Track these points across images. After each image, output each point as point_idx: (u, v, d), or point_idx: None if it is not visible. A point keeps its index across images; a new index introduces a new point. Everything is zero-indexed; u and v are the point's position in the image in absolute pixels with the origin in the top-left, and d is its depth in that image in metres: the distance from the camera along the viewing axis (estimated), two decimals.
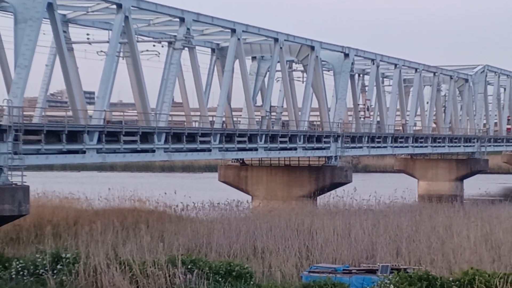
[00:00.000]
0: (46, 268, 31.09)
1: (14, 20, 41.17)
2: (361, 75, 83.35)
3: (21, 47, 40.39)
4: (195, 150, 52.43)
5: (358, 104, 73.79)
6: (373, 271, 33.17)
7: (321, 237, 41.05)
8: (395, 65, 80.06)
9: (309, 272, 33.41)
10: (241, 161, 68.68)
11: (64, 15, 51.25)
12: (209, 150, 53.48)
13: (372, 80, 75.86)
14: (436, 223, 46.26)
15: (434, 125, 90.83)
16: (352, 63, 71.09)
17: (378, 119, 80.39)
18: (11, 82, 41.73)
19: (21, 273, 31.42)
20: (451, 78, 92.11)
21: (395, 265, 33.91)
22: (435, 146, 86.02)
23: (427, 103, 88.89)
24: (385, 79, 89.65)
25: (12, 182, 38.44)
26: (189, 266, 31.23)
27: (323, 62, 69.20)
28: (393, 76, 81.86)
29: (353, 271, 33.49)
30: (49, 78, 52.41)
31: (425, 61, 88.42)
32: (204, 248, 40.01)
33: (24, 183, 38.54)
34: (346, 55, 70.32)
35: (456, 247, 38.20)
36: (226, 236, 41.69)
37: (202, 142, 52.54)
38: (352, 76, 72.14)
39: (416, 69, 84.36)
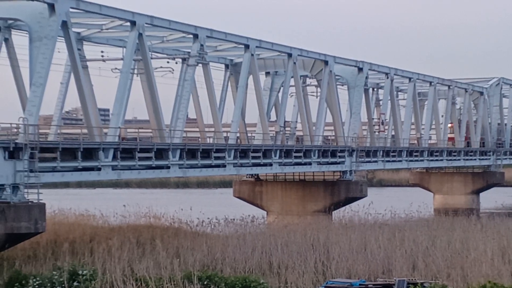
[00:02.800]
0: (63, 285, 31.20)
1: (29, 38, 41.42)
2: (375, 89, 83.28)
3: (36, 65, 40.61)
4: (210, 166, 52.48)
5: (373, 118, 73.72)
6: (389, 286, 33.09)
7: (336, 252, 40.96)
8: (410, 78, 79.98)
9: (325, 287, 33.35)
10: (255, 177, 68.66)
11: (79, 33, 51.52)
12: (224, 166, 53.52)
13: (386, 94, 75.80)
14: (453, 237, 46.09)
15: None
16: (366, 77, 71.07)
17: (393, 133, 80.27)
18: (26, 100, 41.95)
19: None
20: (466, 91, 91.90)
21: (412, 279, 33.83)
22: (451, 160, 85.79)
23: (442, 116, 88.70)
24: (399, 93, 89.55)
25: (28, 199, 38.58)
26: (205, 282, 31.30)
27: (337, 77, 69.22)
28: (407, 89, 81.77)
29: (369, 286, 33.42)
30: (64, 95, 52.62)
31: (439, 74, 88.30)
32: (220, 264, 40.01)
33: (40, 201, 38.67)
34: (360, 69, 70.33)
35: (473, 261, 38.03)
36: (241, 252, 41.67)
37: (216, 158, 52.59)
38: (366, 90, 72.10)
39: (430, 83, 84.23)
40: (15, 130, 39.52)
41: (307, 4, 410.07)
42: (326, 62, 65.26)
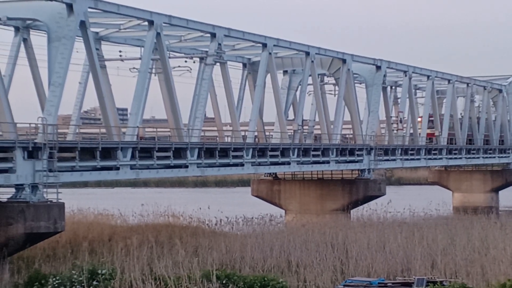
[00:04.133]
0: (82, 284, 31.32)
1: (48, 38, 41.57)
2: (393, 87, 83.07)
3: (54, 65, 40.77)
4: (228, 165, 52.51)
5: (391, 117, 73.54)
6: (408, 284, 33.03)
7: (355, 250, 40.92)
8: (428, 76, 79.71)
9: (344, 286, 33.36)
10: (274, 175, 68.65)
11: (97, 33, 51.67)
12: (242, 164, 53.54)
13: (404, 92, 75.59)
14: (472, 235, 45.95)
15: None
16: (384, 76, 70.91)
17: (411, 131, 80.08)
18: (45, 100, 42.11)
19: None
20: (485, 89, 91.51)
21: (431, 278, 33.75)
22: (470, 158, 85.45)
23: (461, 114, 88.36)
24: (417, 91, 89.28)
25: (47, 199, 38.75)
26: (223, 281, 31.32)
27: (355, 75, 69.10)
28: (426, 87, 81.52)
29: (388, 284, 33.38)
30: (83, 95, 52.79)
31: (458, 72, 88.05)
32: (238, 263, 40.05)
33: (59, 200, 38.83)
34: (378, 68, 70.17)
35: (492, 259, 37.89)
36: (260, 251, 41.69)
37: (234, 157, 52.60)
38: (384, 89, 71.95)
39: (449, 80, 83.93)
40: (34, 130, 39.68)
41: (325, 3, 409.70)
42: (344, 61, 65.16)
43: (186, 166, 48.51)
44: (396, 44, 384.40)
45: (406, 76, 74.99)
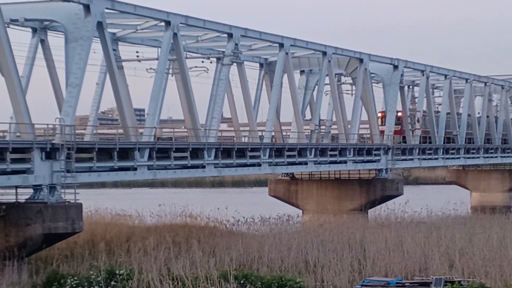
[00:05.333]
0: (100, 285, 31.38)
1: (65, 39, 41.72)
2: (410, 87, 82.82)
3: (72, 66, 40.91)
4: (245, 165, 52.53)
5: (408, 116, 73.35)
6: (426, 284, 32.93)
7: (373, 250, 40.83)
8: (445, 76, 79.43)
9: (362, 285, 33.29)
10: (291, 175, 68.62)
11: (114, 34, 51.79)
12: (259, 165, 53.54)
13: (422, 91, 75.39)
14: (490, 235, 45.74)
15: None
16: (402, 75, 70.71)
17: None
18: (62, 101, 42.24)
19: None
20: (503, 88, 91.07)
21: (449, 277, 33.63)
22: (487, 157, 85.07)
23: (479, 113, 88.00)
24: (435, 90, 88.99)
25: (65, 199, 38.88)
26: (241, 281, 31.32)
27: (372, 75, 68.97)
28: (443, 87, 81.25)
29: (406, 284, 33.29)
30: (100, 96, 52.93)
31: (475, 71, 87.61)
32: (256, 263, 40.04)
33: (77, 201, 38.95)
34: (395, 67, 70.00)
35: (511, 259, 37.69)
36: (277, 251, 41.67)
37: (251, 157, 52.62)
38: (401, 88, 71.78)
39: (466, 80, 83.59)
40: (52, 130, 39.82)
41: (342, 2, 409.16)
42: (361, 60, 65.05)
43: (203, 167, 48.55)
44: (414, 43, 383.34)
45: (423, 75, 74.78)
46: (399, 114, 71.32)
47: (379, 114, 70.71)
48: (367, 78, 66.10)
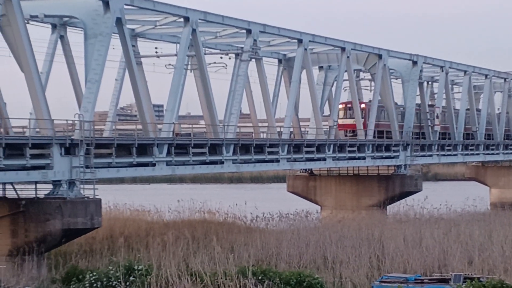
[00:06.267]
0: (119, 280, 31.47)
1: (84, 35, 41.86)
2: (430, 83, 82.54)
3: (91, 62, 41.03)
4: (263, 161, 52.55)
5: (427, 112, 73.11)
6: (445, 281, 32.83)
7: (391, 246, 40.75)
8: (465, 71, 79.10)
9: (381, 282, 33.22)
10: (309, 171, 68.56)
11: (133, 30, 51.91)
12: (277, 160, 53.55)
13: (441, 87, 75.11)
14: (509, 231, 45.57)
15: None
16: (421, 71, 70.50)
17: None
18: (82, 97, 42.41)
19: (95, 285, 31.86)
20: None
21: (468, 274, 33.50)
22: (507, 153, 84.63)
23: (498, 109, 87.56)
24: (454, 86, 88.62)
25: (84, 195, 39.03)
26: (259, 277, 31.32)
27: (391, 70, 68.78)
28: (462, 83, 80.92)
29: (425, 280, 33.21)
30: (119, 92, 53.09)
31: (495, 67, 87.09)
32: (274, 259, 40.06)
33: (96, 196, 39.09)
34: (415, 63, 69.79)
35: None
36: (295, 247, 41.68)
37: (270, 153, 52.63)
38: (420, 84, 71.56)
39: (486, 75, 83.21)
40: (71, 126, 39.98)
41: None
42: (380, 56, 64.89)
43: (222, 162, 48.60)
44: (433, 38, 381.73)
45: (442, 71, 74.51)
46: (363, 106, 65.54)
47: (341, 106, 64.78)
48: (386, 74, 65.92)
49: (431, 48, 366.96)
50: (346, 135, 64.75)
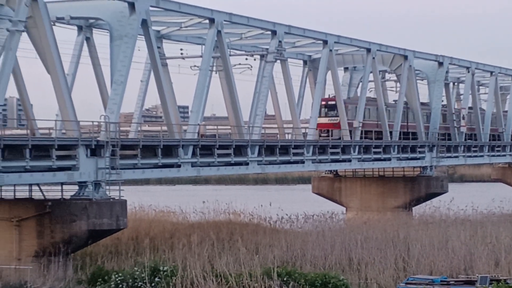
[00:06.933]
0: (144, 281, 31.55)
1: (110, 37, 42.04)
2: (455, 84, 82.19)
3: (117, 63, 41.19)
4: (288, 162, 52.52)
5: (453, 113, 72.80)
6: (471, 282, 32.64)
7: (417, 248, 40.56)
8: (491, 72, 78.69)
9: (406, 283, 33.09)
10: (334, 173, 68.44)
11: (158, 31, 52.08)
12: (303, 162, 53.49)
13: (467, 88, 74.76)
14: None
15: None
16: (447, 72, 70.23)
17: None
18: (107, 98, 42.59)
19: (120, 286, 31.98)
20: None
21: (495, 276, 33.28)
22: None
23: None
24: (480, 87, 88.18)
25: (110, 196, 39.17)
26: (284, 278, 31.30)
27: (416, 71, 68.54)
28: (489, 84, 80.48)
29: (451, 282, 33.04)
30: (144, 93, 53.29)
31: None
32: (299, 260, 39.99)
33: (122, 197, 39.22)
34: (440, 64, 69.52)
35: None
36: (321, 248, 41.59)
37: (295, 154, 52.59)
38: (446, 85, 71.26)
39: None
40: (97, 128, 40.15)
41: None
42: (405, 57, 64.69)
43: (247, 164, 48.63)
44: (459, 39, 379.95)
45: (469, 72, 74.16)
46: (331, 102, 58.87)
47: (323, 102, 58.89)
48: (412, 75, 65.70)
49: (457, 48, 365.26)
50: (320, 135, 58.15)
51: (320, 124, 58.10)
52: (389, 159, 62.42)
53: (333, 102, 58.97)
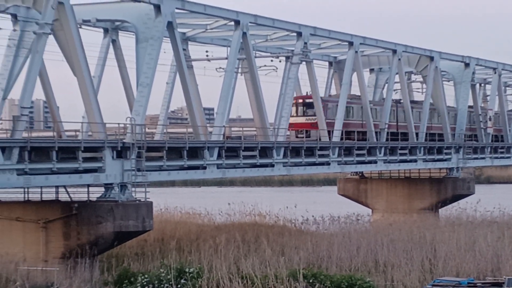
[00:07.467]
0: (170, 283, 31.60)
1: (136, 39, 42.18)
2: (482, 85, 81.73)
3: (142, 65, 41.32)
4: (314, 164, 52.41)
5: (480, 114, 72.40)
6: (499, 284, 32.45)
7: (443, 250, 40.36)
8: None
9: (433, 285, 32.96)
10: (360, 174, 68.25)
11: (184, 33, 52.18)
12: (328, 163, 53.38)
13: (494, 89, 74.32)
14: None
15: None
16: (473, 73, 69.86)
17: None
18: (133, 101, 42.74)
19: (146, 287, 32.02)
20: None
21: None
22: None
23: None
24: (507, 88, 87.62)
25: (136, 198, 39.29)
26: (310, 280, 31.24)
27: (442, 72, 68.24)
28: None
29: (478, 284, 32.84)
30: (170, 95, 53.39)
31: None
32: (325, 262, 39.92)
33: (147, 199, 39.33)
34: (467, 65, 69.17)
35: None
36: (346, 250, 41.48)
37: (320, 156, 52.48)
38: (473, 86, 70.88)
39: None
40: (123, 130, 40.30)
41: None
42: (431, 58, 64.42)
43: (272, 165, 48.61)
44: (485, 40, 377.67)
45: (495, 73, 73.72)
46: (308, 100, 54.24)
47: (300, 100, 55.05)
48: (438, 76, 65.41)
49: (484, 49, 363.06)
50: (297, 136, 54.00)
51: (297, 124, 54.14)
52: (415, 161, 62.17)
53: (310, 100, 53.83)
